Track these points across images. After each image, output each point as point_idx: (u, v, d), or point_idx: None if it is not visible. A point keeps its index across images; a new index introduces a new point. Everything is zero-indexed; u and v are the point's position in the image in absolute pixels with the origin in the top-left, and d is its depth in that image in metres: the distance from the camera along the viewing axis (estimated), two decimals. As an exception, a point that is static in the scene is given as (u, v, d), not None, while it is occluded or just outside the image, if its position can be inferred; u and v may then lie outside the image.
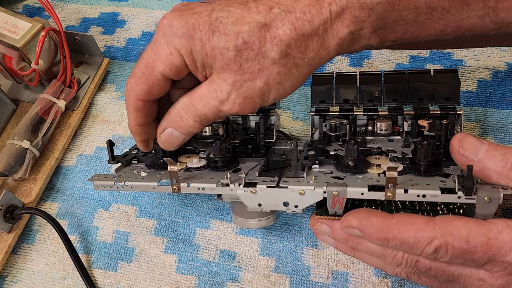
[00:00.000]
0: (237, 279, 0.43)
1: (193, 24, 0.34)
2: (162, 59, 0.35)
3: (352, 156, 0.37)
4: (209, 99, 0.35)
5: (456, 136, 0.34)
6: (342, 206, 0.35)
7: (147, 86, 0.36)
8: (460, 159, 0.34)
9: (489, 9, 0.34)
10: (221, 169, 0.40)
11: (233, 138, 0.46)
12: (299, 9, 0.33)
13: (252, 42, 0.33)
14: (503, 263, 0.31)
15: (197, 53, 0.34)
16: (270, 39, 0.33)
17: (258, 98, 0.35)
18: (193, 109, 0.36)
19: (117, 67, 0.61)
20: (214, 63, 0.34)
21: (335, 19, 0.33)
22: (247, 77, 0.34)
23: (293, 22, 0.33)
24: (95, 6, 0.68)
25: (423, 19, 0.35)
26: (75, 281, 0.45)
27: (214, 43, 0.33)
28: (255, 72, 0.34)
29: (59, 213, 0.49)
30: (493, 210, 0.32)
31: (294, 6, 0.33)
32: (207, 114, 0.36)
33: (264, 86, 0.34)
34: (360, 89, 0.44)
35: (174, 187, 0.38)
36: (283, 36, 0.33)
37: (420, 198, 0.34)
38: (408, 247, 0.32)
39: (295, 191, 0.36)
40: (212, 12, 0.34)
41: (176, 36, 0.34)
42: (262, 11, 0.33)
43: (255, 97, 0.35)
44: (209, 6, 0.34)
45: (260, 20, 0.33)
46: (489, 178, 0.33)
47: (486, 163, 0.32)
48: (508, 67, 0.53)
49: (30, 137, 0.50)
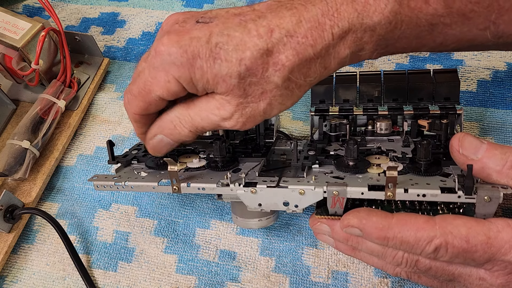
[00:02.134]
0: (237, 279, 0.43)
1: (193, 52, 0.33)
2: (160, 85, 0.34)
3: (352, 156, 0.37)
4: (210, 115, 0.35)
5: (455, 135, 0.34)
6: (342, 205, 0.35)
7: (143, 104, 0.36)
8: (460, 159, 0.34)
9: (490, 23, 0.34)
10: (221, 169, 0.40)
11: (233, 138, 0.46)
12: (301, 33, 0.32)
13: (254, 68, 0.33)
14: (503, 262, 0.31)
15: (197, 80, 0.34)
16: (272, 65, 0.33)
17: (261, 117, 0.35)
18: (190, 120, 0.36)
19: (117, 67, 0.61)
20: (217, 88, 0.34)
21: (338, 42, 0.33)
22: (251, 99, 0.34)
23: (295, 47, 0.32)
24: (95, 6, 0.68)
25: (424, 35, 0.35)
26: (75, 281, 0.45)
27: (216, 70, 0.33)
28: (258, 95, 0.34)
29: (59, 213, 0.49)
30: (493, 210, 0.32)
31: (295, 29, 0.32)
32: (204, 127, 0.36)
33: (267, 107, 0.34)
34: (360, 89, 0.44)
35: (174, 187, 0.38)
36: (286, 62, 0.33)
37: (420, 198, 0.34)
38: (408, 246, 0.32)
39: (295, 191, 0.36)
40: (211, 37, 0.33)
41: (175, 65, 0.33)
42: (263, 35, 0.32)
43: (257, 116, 0.35)
44: (207, 29, 0.33)
45: (262, 46, 0.32)
46: (489, 177, 0.33)
47: (486, 162, 0.32)
48: (508, 67, 0.53)
49: (30, 137, 0.50)
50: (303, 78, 0.34)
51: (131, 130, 0.54)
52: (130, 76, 0.59)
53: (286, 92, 0.34)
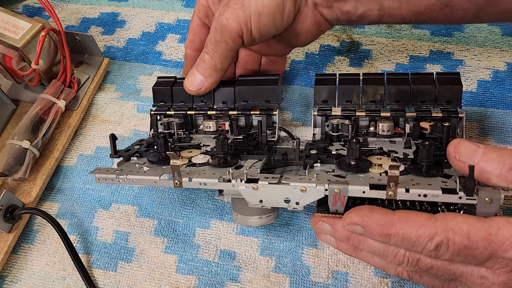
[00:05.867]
0: (237, 279, 0.43)
1: None
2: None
3: (354, 155, 0.37)
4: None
5: (451, 142, 0.35)
6: (343, 204, 0.35)
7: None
8: (457, 165, 0.34)
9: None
10: (223, 165, 0.40)
11: (237, 133, 0.46)
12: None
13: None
14: (504, 259, 0.31)
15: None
16: None
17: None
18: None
19: (117, 67, 0.61)
20: None
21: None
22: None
23: None
24: (95, 6, 0.68)
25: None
26: (75, 281, 0.45)
27: None
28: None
29: (59, 213, 0.49)
30: (494, 211, 0.32)
31: None
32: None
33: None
34: (362, 90, 0.44)
35: (176, 182, 0.38)
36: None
37: (421, 198, 0.34)
38: (410, 243, 0.32)
39: (297, 188, 0.36)
40: None
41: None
42: None
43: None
44: None
45: None
46: (489, 181, 0.33)
47: (484, 166, 0.32)
48: (508, 67, 0.53)
49: (30, 137, 0.50)
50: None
51: (131, 130, 0.54)
52: (130, 76, 0.59)
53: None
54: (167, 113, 0.49)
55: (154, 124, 0.50)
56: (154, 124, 0.50)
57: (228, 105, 0.48)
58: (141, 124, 0.54)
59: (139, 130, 0.54)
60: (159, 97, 0.49)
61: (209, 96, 0.48)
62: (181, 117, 0.49)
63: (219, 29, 0.43)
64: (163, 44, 0.62)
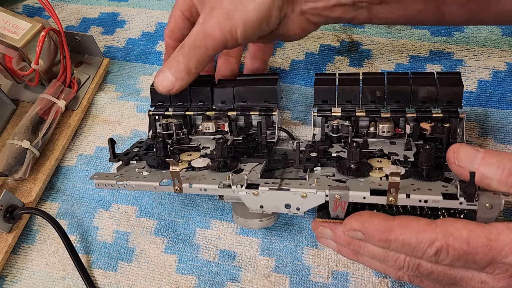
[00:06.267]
0: (237, 279, 0.43)
1: None
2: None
3: (355, 159, 0.37)
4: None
5: (451, 147, 0.34)
6: (344, 209, 0.35)
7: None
8: (457, 170, 0.34)
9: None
10: (223, 169, 0.40)
11: (237, 134, 0.46)
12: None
13: None
14: (504, 265, 0.31)
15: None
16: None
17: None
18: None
19: (117, 67, 0.61)
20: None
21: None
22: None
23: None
24: (95, 6, 0.68)
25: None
26: (75, 281, 0.45)
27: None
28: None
29: (59, 213, 0.49)
30: (494, 216, 0.32)
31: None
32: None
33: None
34: (362, 90, 0.44)
35: (176, 188, 0.38)
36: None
37: (422, 204, 0.34)
38: (410, 248, 0.32)
39: (297, 194, 0.35)
40: None
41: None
42: None
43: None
44: None
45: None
46: (489, 186, 0.33)
47: (484, 171, 0.32)
48: (508, 67, 0.53)
49: (30, 137, 0.50)
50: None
51: (131, 130, 0.54)
52: (130, 76, 0.59)
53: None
54: (166, 113, 0.49)
55: (153, 125, 0.50)
56: (153, 125, 0.50)
57: (227, 105, 0.48)
58: (141, 124, 0.54)
59: (139, 130, 0.54)
60: (157, 97, 0.49)
61: (208, 96, 0.48)
62: (180, 118, 0.49)
63: (201, 34, 0.42)
64: (163, 44, 0.62)
